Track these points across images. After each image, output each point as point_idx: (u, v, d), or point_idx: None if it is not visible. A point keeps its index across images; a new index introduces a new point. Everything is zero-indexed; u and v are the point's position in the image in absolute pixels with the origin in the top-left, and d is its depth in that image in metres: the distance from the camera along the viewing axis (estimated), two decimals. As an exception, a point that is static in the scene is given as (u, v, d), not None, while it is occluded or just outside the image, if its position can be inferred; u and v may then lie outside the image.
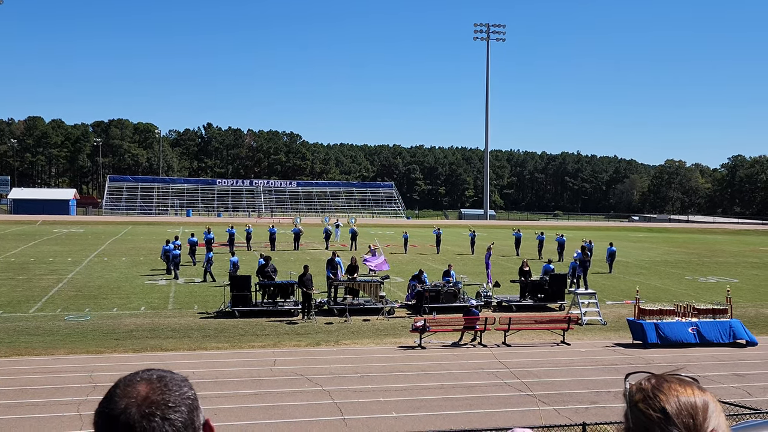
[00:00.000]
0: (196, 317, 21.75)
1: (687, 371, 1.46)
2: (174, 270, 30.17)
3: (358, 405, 13.02)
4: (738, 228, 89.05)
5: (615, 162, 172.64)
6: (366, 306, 22.93)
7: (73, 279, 29.02)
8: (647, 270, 36.79)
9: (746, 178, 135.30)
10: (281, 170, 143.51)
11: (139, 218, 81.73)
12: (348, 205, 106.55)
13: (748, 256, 47.60)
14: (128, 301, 24.29)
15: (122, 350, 17.23)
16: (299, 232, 44.45)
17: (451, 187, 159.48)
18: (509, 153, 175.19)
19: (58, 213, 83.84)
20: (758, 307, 25.71)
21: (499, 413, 12.78)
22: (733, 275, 35.57)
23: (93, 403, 12.64)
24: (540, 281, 25.33)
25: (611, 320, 22.30)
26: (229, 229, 41.73)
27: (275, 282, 23.28)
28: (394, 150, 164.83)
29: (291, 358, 16.65)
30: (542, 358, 17.27)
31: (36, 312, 22.03)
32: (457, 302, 23.17)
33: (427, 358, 17.02)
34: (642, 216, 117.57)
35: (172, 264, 30.36)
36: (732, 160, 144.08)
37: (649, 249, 50.58)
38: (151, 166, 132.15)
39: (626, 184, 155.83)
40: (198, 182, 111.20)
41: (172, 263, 30.36)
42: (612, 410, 12.67)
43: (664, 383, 1.40)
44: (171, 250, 30.64)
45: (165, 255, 31.27)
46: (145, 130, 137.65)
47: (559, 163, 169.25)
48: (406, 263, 36.44)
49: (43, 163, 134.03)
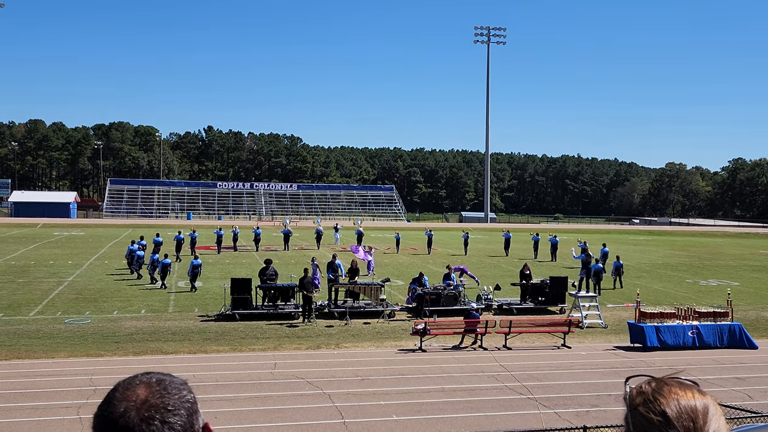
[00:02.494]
0: (196, 320, 21.75)
1: (687, 374, 1.46)
2: (136, 270, 30.43)
3: (358, 408, 13.01)
4: (739, 231, 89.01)
5: (615, 165, 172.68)
6: (366, 309, 22.92)
7: (73, 282, 29.02)
8: (648, 273, 36.77)
9: (747, 181, 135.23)
10: (282, 173, 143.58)
11: (140, 221, 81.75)
12: (348, 208, 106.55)
13: (748, 259, 47.57)
14: (129, 304, 24.28)
15: (123, 353, 17.21)
16: (289, 233, 45.22)
17: (452, 190, 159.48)
18: (510, 156, 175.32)
19: (59, 216, 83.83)
20: (759, 311, 25.68)
21: (499, 416, 12.77)
22: (734, 278, 35.54)
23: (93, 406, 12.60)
24: (541, 284, 25.31)
25: (612, 323, 22.29)
26: (217, 231, 42.17)
27: (276, 285, 23.28)
28: (394, 153, 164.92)
29: (291, 361, 16.64)
30: (543, 361, 17.25)
31: (36, 315, 22.03)
32: (457, 305, 23.16)
33: (427, 361, 17.01)
34: (643, 219, 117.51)
35: (135, 265, 30.59)
36: (732, 163, 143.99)
37: (650, 252, 50.55)
38: (151, 169, 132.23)
39: (627, 187, 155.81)
40: (199, 185, 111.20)
41: (135, 264, 30.62)
42: (613, 413, 12.65)
43: (665, 386, 1.40)
44: (135, 251, 30.82)
45: (130, 255, 31.38)
46: (146, 133, 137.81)
47: (559, 166, 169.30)
48: (406, 266, 36.44)
49: (44, 166, 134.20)
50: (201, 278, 29.79)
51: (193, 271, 26.81)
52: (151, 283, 28.56)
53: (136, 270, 30.50)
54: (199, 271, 27.14)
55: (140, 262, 30.52)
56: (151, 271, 28.78)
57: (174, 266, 33.42)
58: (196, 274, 27.03)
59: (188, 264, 28.56)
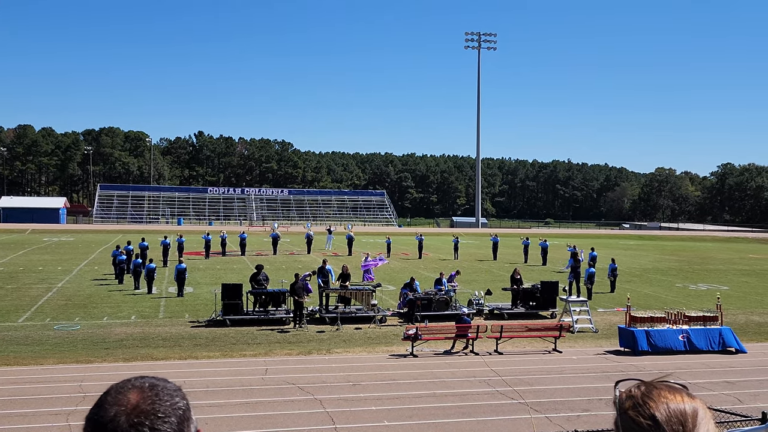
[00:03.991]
0: (186, 326, 21.65)
1: (677, 378, 1.47)
2: (120, 276, 30.36)
3: (349, 414, 12.98)
4: (728, 235, 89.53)
5: (606, 170, 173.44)
6: (358, 314, 22.89)
7: (62, 288, 28.84)
8: (638, 277, 36.91)
9: (736, 186, 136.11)
10: (273, 178, 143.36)
11: (130, 227, 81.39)
12: (340, 213, 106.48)
13: (738, 263, 47.84)
14: (118, 309, 24.15)
15: (112, 359, 17.11)
16: (277, 237, 45.78)
17: (443, 195, 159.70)
18: (501, 161, 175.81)
19: (48, 222, 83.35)
20: (748, 315, 25.82)
21: (491, 421, 12.77)
22: (723, 282, 35.73)
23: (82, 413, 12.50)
24: (532, 289, 25.36)
25: (602, 328, 22.35)
26: (205, 236, 42.32)
27: (267, 290, 23.22)
28: (385, 158, 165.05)
29: (282, 367, 16.59)
30: (534, 366, 17.28)
31: (25, 321, 21.87)
32: (449, 310, 23.17)
33: (419, 366, 17.00)
34: (633, 224, 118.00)
35: (118, 269, 30.57)
36: (721, 168, 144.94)
37: (640, 256, 50.76)
38: (142, 174, 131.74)
39: (617, 192, 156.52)
40: (189, 190, 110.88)
41: (118, 268, 30.61)
42: (603, 418, 12.68)
43: (654, 390, 1.41)
44: (118, 255, 30.80)
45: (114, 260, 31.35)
46: (136, 139, 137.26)
47: (550, 171, 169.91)
48: (397, 271, 36.43)
49: (33, 171, 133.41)
50: (191, 284, 29.69)
51: (179, 276, 26.71)
52: (135, 288, 28.37)
53: (119, 275, 30.39)
54: (185, 276, 27.03)
55: (122, 267, 30.42)
56: (134, 276, 28.64)
57: (163, 272, 33.31)
58: (183, 279, 26.91)
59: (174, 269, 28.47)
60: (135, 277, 28.69)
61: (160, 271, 32.13)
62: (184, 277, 27.00)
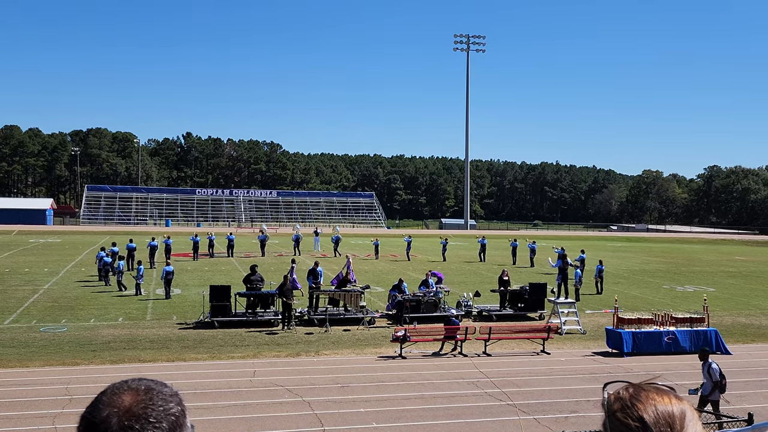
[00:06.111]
0: (174, 328, 21.55)
1: (665, 380, 1.48)
2: (103, 278, 30.24)
3: (338, 416, 12.96)
4: (714, 237, 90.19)
5: (594, 172, 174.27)
6: (346, 316, 22.87)
7: (49, 290, 28.63)
8: (626, 279, 37.10)
9: (722, 189, 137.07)
10: (261, 180, 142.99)
11: (118, 228, 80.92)
12: (328, 214, 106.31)
13: (724, 265, 48.19)
14: (106, 311, 24.00)
15: (99, 362, 17.01)
16: (265, 239, 46.02)
17: (432, 197, 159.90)
18: (489, 163, 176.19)
19: (35, 223, 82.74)
20: (734, 316, 26.01)
21: (479, 423, 12.79)
22: (710, 284, 35.98)
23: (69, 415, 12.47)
24: (520, 291, 25.44)
25: (590, 329, 22.44)
26: (193, 238, 42.41)
27: (255, 292, 23.13)
28: (374, 160, 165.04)
29: (271, 369, 16.55)
30: (522, 368, 17.33)
31: (11, 324, 21.69)
32: (437, 312, 23.19)
33: (407, 368, 17.00)
34: (620, 226, 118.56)
35: (103, 272, 30.48)
36: (708, 170, 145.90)
37: (628, 258, 51.02)
38: (129, 175, 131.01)
39: (605, 194, 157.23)
40: (177, 192, 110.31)
41: (102, 271, 30.50)
42: (591, 419, 12.74)
43: (642, 392, 1.42)
44: (103, 257, 30.70)
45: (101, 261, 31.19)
46: (124, 140, 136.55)
47: (538, 173, 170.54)
48: (386, 273, 36.42)
49: (20, 172, 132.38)
50: (179, 285, 29.56)
51: (166, 277, 26.58)
52: (119, 289, 28.21)
53: (104, 277, 30.21)
54: (171, 277, 26.89)
55: (107, 269, 30.24)
56: (119, 277, 28.51)
57: (151, 273, 33.15)
58: (170, 281, 26.78)
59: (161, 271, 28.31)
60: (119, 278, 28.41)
61: (148, 273, 31.95)
62: (170, 278, 26.87)
